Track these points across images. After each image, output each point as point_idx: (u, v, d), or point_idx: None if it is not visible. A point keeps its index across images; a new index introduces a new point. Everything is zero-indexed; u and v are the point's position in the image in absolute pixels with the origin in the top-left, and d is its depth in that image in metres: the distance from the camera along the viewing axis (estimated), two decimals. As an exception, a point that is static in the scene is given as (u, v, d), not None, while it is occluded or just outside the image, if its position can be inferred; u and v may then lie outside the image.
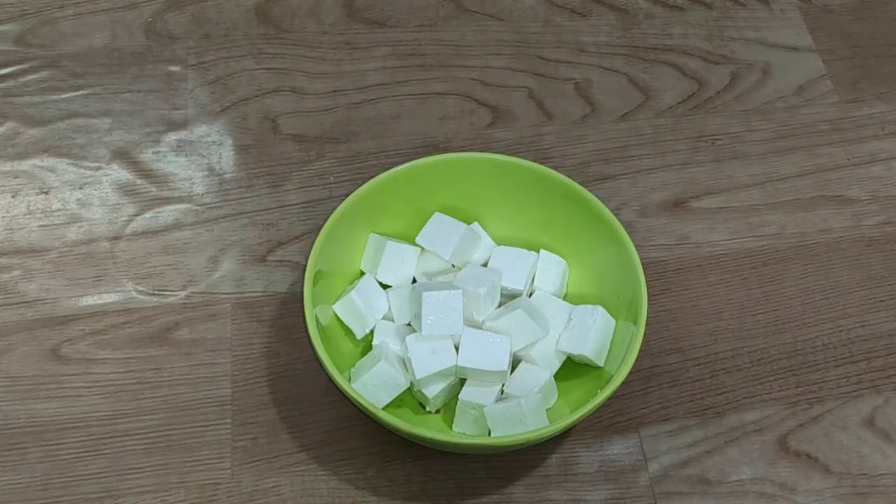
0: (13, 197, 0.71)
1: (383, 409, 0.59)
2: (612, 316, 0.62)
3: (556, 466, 0.62)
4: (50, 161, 0.73)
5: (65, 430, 0.62)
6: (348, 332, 0.63)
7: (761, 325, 0.68)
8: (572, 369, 0.62)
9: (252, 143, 0.74)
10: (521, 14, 0.84)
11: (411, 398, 0.62)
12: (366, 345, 0.63)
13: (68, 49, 0.79)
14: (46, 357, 0.64)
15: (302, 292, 0.58)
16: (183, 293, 0.67)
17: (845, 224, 0.73)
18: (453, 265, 0.65)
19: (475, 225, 0.66)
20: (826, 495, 0.61)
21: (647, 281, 0.60)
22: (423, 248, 0.65)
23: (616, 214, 0.62)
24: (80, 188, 0.72)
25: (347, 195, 0.63)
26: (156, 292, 0.67)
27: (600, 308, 0.62)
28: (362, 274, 0.65)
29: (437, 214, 0.65)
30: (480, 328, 0.61)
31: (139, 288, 0.67)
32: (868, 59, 0.82)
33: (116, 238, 0.69)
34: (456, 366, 0.60)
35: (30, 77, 0.77)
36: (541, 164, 0.64)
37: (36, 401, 0.63)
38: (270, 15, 0.82)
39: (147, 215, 0.70)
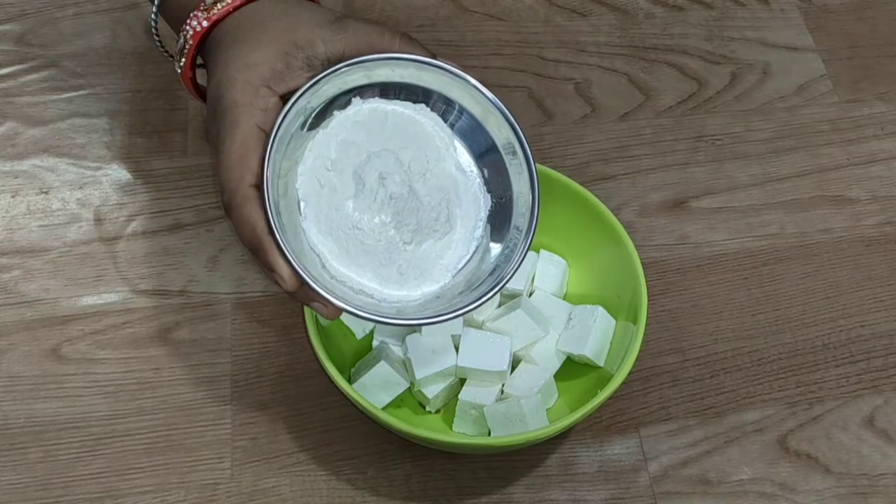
0: (13, 197, 0.71)
1: (383, 409, 0.59)
2: (612, 316, 0.62)
3: (556, 466, 0.62)
4: (50, 161, 0.73)
5: (65, 430, 0.62)
6: (348, 332, 0.63)
7: (761, 325, 0.68)
8: (572, 369, 0.62)
9: (252, 143, 0.74)
10: (521, 14, 0.84)
11: (411, 398, 0.62)
12: (366, 345, 0.63)
13: (68, 49, 0.79)
14: (46, 357, 0.64)
15: (302, 292, 0.58)
16: (183, 293, 0.67)
17: (845, 224, 0.73)
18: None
19: (475, 225, 0.66)
20: (826, 495, 0.61)
21: (647, 281, 0.60)
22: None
23: (616, 214, 0.62)
24: (80, 188, 0.72)
25: (347, 195, 0.63)
26: (156, 292, 0.67)
27: (600, 308, 0.62)
28: (362, 274, 0.65)
29: (437, 214, 0.65)
30: (480, 328, 0.62)
31: (139, 288, 0.67)
32: (868, 59, 0.82)
33: (116, 238, 0.69)
34: (456, 366, 0.60)
35: (30, 77, 0.77)
36: (541, 164, 0.64)
37: (36, 401, 0.62)
38: (270, 15, 0.82)
39: (147, 215, 0.70)
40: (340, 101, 0.55)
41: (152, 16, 0.61)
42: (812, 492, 0.61)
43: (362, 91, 0.55)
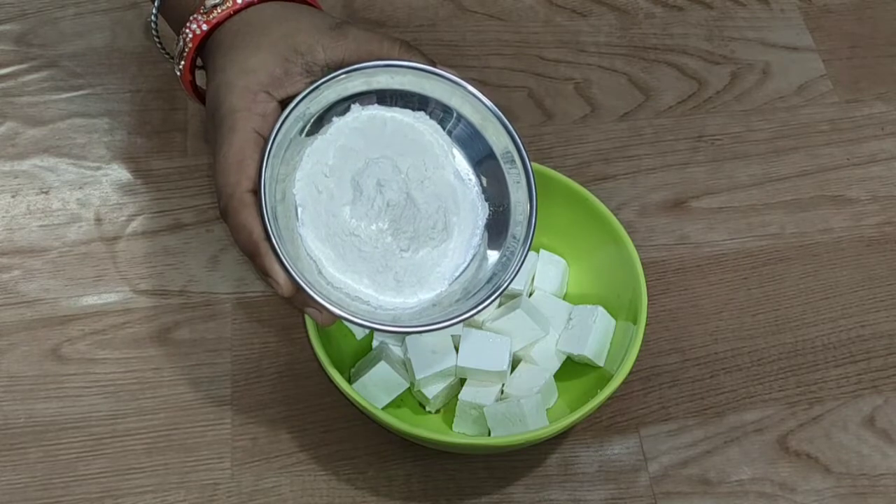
0: (13, 197, 0.71)
1: (383, 409, 0.59)
2: (612, 316, 0.62)
3: (556, 466, 0.62)
4: (50, 161, 0.73)
5: (65, 430, 0.62)
6: (348, 332, 0.63)
7: (761, 325, 0.68)
8: (572, 369, 0.62)
9: (252, 143, 0.74)
10: (521, 14, 0.84)
11: (411, 398, 0.62)
12: (366, 345, 0.63)
13: (68, 49, 0.79)
14: (46, 357, 0.64)
15: (302, 292, 0.58)
16: (183, 293, 0.67)
17: (845, 224, 0.73)
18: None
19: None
20: (826, 495, 0.61)
21: (647, 281, 0.60)
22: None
23: (616, 214, 0.62)
24: (80, 188, 0.72)
25: (347, 195, 0.63)
26: (156, 292, 0.67)
27: (600, 308, 0.62)
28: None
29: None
30: (480, 328, 0.62)
31: (139, 288, 0.67)
32: (868, 59, 0.82)
33: (116, 238, 0.69)
34: (456, 366, 0.60)
35: (30, 77, 0.77)
36: (541, 164, 0.64)
37: (36, 401, 0.63)
38: (270, 15, 0.82)
39: (147, 215, 0.70)
40: (339, 107, 0.55)
41: (152, 16, 0.61)
42: (812, 492, 0.61)
43: (361, 98, 0.55)
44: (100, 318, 0.66)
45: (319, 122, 0.55)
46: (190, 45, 0.57)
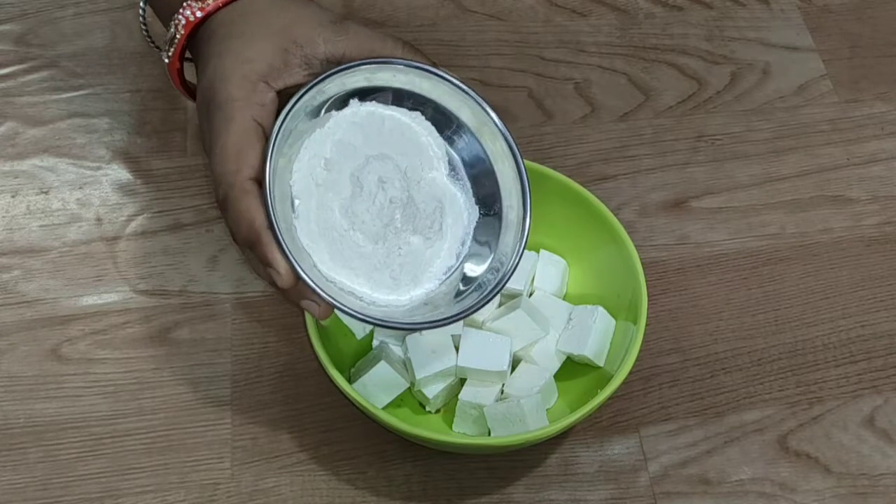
0: (13, 197, 0.71)
1: (383, 409, 0.59)
2: (612, 316, 0.62)
3: (556, 466, 0.62)
4: (50, 161, 0.73)
5: (64, 430, 0.62)
6: (348, 332, 0.63)
7: (761, 325, 0.68)
8: (572, 369, 0.62)
9: (252, 143, 0.74)
10: (521, 14, 0.84)
11: (411, 398, 0.62)
12: (366, 345, 0.63)
13: (68, 49, 0.79)
14: (46, 357, 0.64)
15: (302, 292, 0.58)
16: (183, 293, 0.67)
17: (845, 224, 0.73)
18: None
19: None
20: (826, 495, 0.61)
21: (647, 281, 0.60)
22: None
23: (616, 214, 0.62)
24: (80, 188, 0.72)
25: (347, 195, 0.63)
26: (156, 292, 0.67)
27: (600, 308, 0.62)
28: (362, 274, 0.65)
29: (437, 214, 0.65)
30: (480, 328, 0.62)
31: (139, 288, 0.67)
32: (868, 59, 0.82)
33: (116, 238, 0.69)
34: (456, 366, 0.60)
35: (30, 77, 0.77)
36: (541, 164, 0.64)
37: (36, 401, 0.62)
38: (270, 15, 0.82)
39: (147, 215, 0.70)
40: (337, 101, 0.55)
41: (140, 4, 0.60)
42: (812, 492, 0.61)
43: (360, 94, 0.55)
44: (100, 318, 0.66)
45: (316, 115, 0.55)
46: (182, 31, 0.56)
